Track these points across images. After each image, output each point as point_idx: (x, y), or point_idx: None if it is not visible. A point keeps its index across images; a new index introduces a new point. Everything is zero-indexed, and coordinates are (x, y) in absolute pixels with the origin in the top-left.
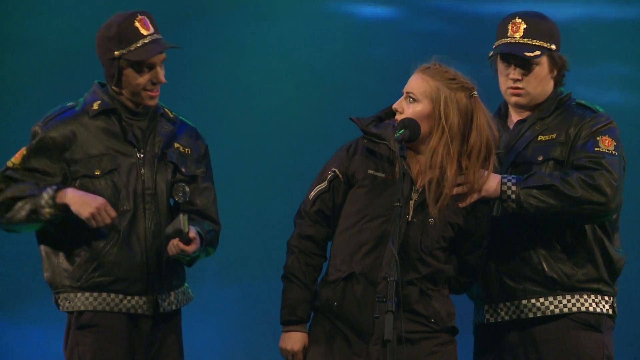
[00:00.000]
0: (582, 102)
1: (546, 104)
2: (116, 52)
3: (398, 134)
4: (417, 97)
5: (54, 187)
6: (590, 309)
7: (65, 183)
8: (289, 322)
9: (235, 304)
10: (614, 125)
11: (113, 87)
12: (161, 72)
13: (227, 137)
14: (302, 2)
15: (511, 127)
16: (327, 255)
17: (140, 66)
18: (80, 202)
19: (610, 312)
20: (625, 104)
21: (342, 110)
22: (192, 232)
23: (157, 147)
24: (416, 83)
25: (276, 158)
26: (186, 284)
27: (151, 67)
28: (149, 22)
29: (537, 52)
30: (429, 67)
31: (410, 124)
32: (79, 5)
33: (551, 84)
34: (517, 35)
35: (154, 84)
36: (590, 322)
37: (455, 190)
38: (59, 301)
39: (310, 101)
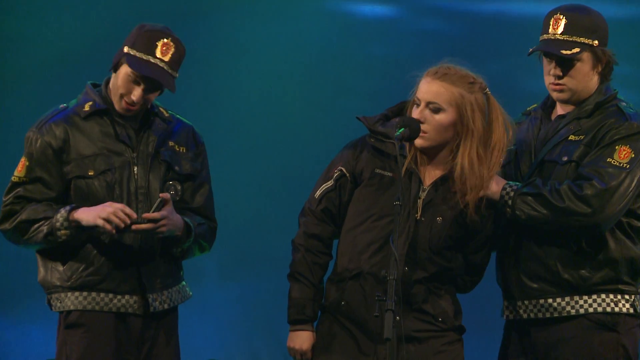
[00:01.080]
0: (623, 105)
1: (587, 104)
2: (125, 48)
3: (398, 133)
4: (442, 106)
5: (67, 208)
6: (608, 309)
7: (67, 186)
8: (297, 321)
9: (235, 302)
10: None
11: (106, 85)
12: (144, 94)
13: (226, 135)
14: (302, 1)
15: (552, 119)
16: (332, 253)
17: (129, 75)
18: (92, 212)
19: (632, 311)
20: None
21: (342, 109)
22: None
23: (151, 146)
24: (438, 92)
25: (276, 156)
26: (184, 282)
27: (138, 84)
28: (170, 52)
29: (576, 50)
30: (446, 73)
31: (410, 122)
32: (80, 5)
33: (595, 79)
34: (558, 32)
35: (130, 98)
36: (605, 322)
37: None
38: (52, 302)
39: (310, 99)
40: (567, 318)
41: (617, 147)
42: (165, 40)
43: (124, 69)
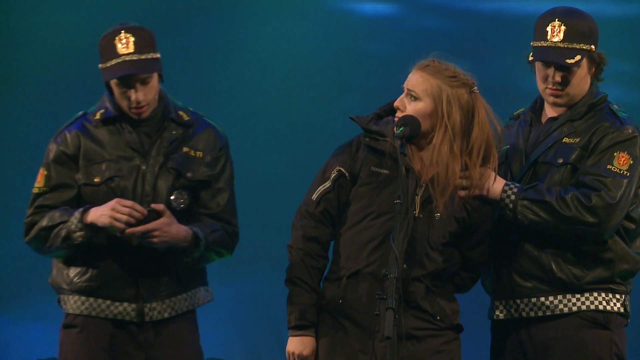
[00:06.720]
0: (615, 108)
1: (579, 106)
2: (99, 65)
3: (398, 131)
4: (418, 95)
5: (80, 209)
6: (600, 307)
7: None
8: (299, 327)
9: (235, 300)
10: (637, 139)
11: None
12: (141, 91)
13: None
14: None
15: (543, 122)
16: (329, 256)
17: (116, 86)
18: (98, 214)
19: (622, 310)
20: (625, 101)
21: (342, 107)
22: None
23: (162, 153)
24: (417, 81)
25: (276, 154)
26: (202, 287)
27: (128, 86)
28: (130, 41)
29: (578, 57)
30: (429, 65)
31: (410, 121)
32: (82, 3)
33: (589, 81)
34: (557, 40)
35: (133, 102)
36: (598, 320)
37: (457, 183)
38: (61, 302)
39: (310, 98)
40: (559, 316)
41: (615, 154)
42: (120, 36)
43: (112, 84)
